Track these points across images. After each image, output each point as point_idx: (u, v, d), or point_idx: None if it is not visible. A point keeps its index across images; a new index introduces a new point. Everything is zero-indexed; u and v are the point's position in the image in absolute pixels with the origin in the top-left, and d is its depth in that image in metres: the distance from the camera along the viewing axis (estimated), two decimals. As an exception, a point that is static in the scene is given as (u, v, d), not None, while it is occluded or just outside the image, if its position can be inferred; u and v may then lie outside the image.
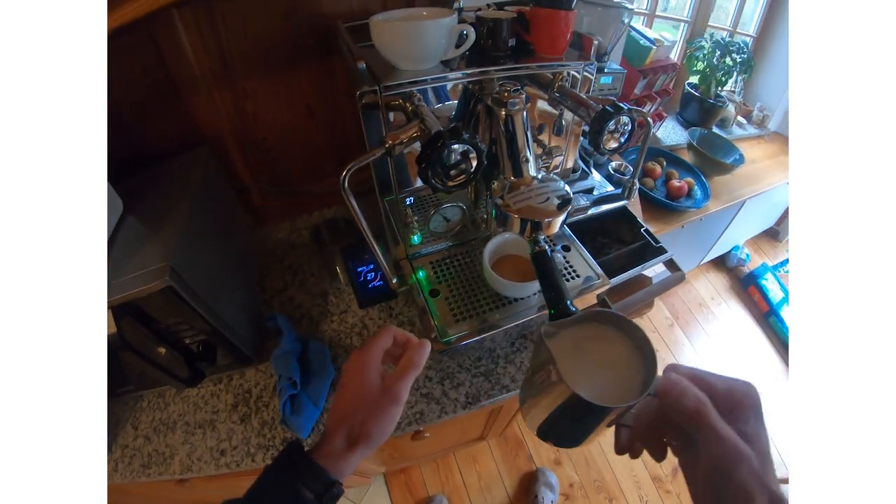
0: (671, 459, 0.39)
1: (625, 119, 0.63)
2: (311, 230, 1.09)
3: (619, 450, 0.43)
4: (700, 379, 0.35)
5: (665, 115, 1.68)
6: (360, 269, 0.96)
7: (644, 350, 0.39)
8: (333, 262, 0.99)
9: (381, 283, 0.95)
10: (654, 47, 1.48)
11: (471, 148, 0.52)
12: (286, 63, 0.89)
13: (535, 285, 0.79)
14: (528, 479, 1.77)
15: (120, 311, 0.60)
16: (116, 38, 0.69)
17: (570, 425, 0.42)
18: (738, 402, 0.34)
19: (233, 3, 0.78)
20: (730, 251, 2.51)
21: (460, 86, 0.71)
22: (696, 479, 0.36)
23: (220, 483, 0.89)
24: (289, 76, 0.91)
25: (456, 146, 0.51)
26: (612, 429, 0.43)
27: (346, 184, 0.54)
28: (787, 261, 2.45)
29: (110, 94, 0.76)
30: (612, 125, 0.63)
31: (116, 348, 0.65)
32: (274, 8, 0.81)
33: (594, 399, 0.35)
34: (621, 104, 0.62)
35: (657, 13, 1.86)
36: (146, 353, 0.66)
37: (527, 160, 0.60)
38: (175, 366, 0.69)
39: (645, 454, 0.44)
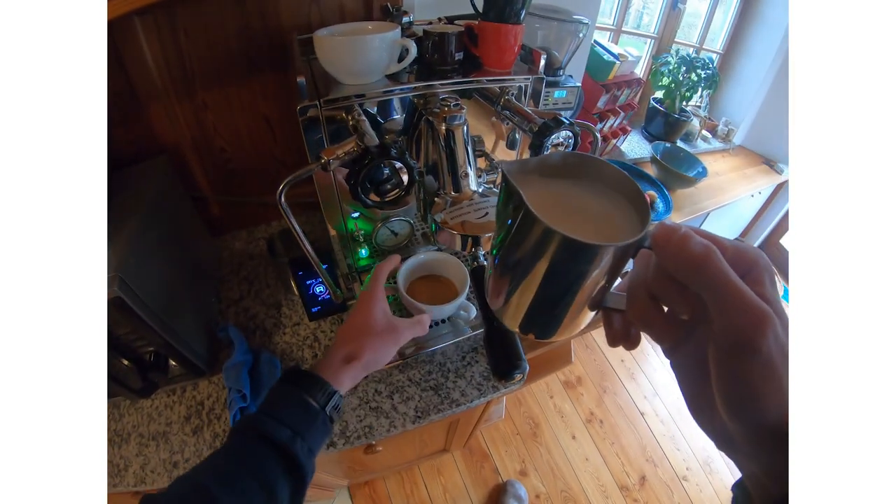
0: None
1: (566, 133, 0.65)
2: (266, 240, 1.08)
3: (613, 340, 0.35)
4: (703, 233, 0.27)
5: (629, 129, 1.70)
6: (308, 282, 0.95)
7: (633, 198, 0.32)
8: (287, 273, 0.98)
9: (330, 295, 0.94)
10: (618, 62, 1.50)
11: (401, 165, 0.52)
12: (246, 75, 0.89)
13: (448, 307, 0.77)
14: (495, 491, 1.76)
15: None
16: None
17: (550, 291, 0.31)
18: (753, 262, 0.26)
19: (194, 13, 0.78)
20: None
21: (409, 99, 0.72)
22: (697, 367, 0.28)
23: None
24: (248, 88, 0.91)
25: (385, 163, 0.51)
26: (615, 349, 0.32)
27: (283, 198, 0.54)
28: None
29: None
30: (554, 139, 0.64)
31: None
32: (235, 20, 0.81)
33: (577, 236, 0.26)
34: (563, 118, 0.63)
35: (624, 29, 1.90)
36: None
37: (466, 175, 0.61)
38: (128, 377, 0.68)
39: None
